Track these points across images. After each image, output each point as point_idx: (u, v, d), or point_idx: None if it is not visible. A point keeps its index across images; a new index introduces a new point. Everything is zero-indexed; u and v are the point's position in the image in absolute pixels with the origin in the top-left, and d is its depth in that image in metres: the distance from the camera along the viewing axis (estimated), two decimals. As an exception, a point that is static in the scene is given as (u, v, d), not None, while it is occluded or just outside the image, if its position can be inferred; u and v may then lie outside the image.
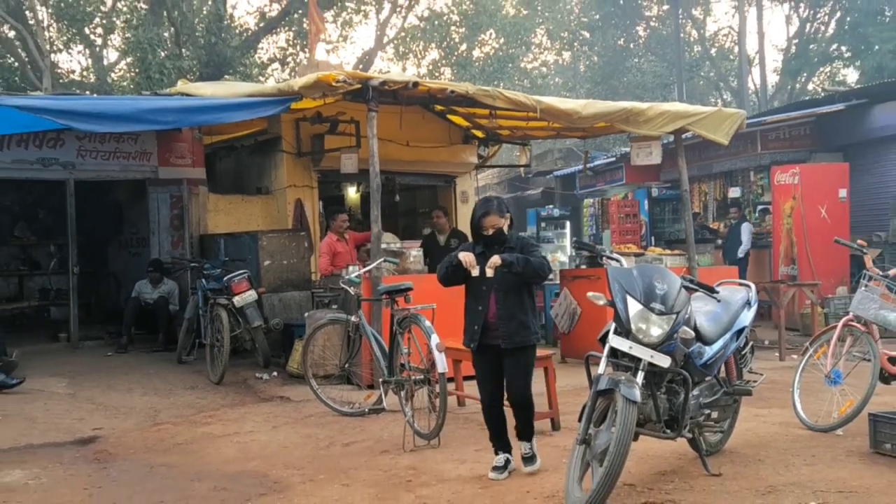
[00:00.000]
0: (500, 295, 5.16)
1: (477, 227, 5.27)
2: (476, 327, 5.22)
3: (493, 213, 5.23)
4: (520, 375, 5.22)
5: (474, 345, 5.25)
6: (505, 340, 5.13)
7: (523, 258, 5.04)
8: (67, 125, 8.44)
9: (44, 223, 14.28)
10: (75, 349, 11.25)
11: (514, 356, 5.19)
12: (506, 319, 5.13)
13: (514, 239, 5.33)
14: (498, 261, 4.99)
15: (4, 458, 6.24)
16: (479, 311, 5.21)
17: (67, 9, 19.60)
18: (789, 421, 6.44)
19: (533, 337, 5.24)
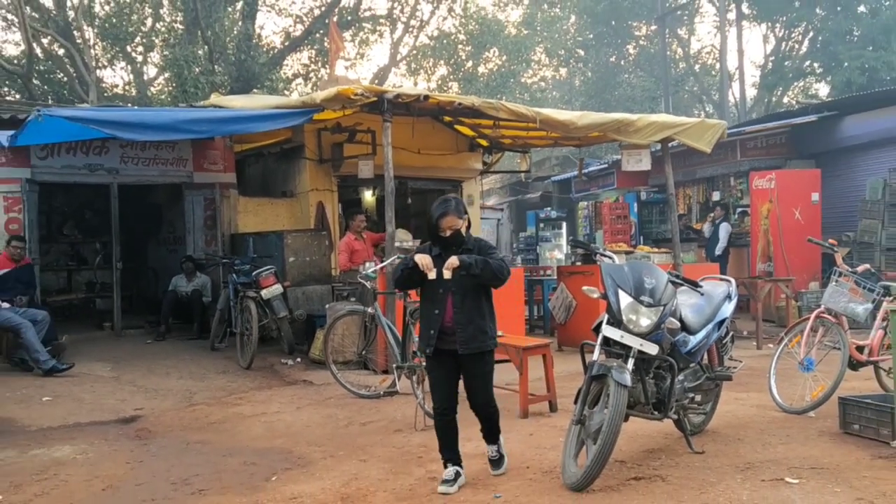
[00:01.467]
0: (457, 298, 4.53)
1: (434, 229, 4.60)
2: (432, 332, 4.57)
3: (451, 214, 4.56)
4: (481, 382, 4.65)
5: (430, 350, 4.59)
6: (462, 346, 4.51)
7: (482, 260, 4.45)
8: (112, 134, 8.46)
9: (90, 223, 14.30)
10: (118, 337, 11.25)
11: (472, 363, 4.58)
12: (463, 324, 4.52)
13: (472, 241, 4.69)
14: (455, 262, 4.39)
15: (55, 434, 6.27)
16: (435, 316, 4.57)
17: (111, 29, 19.63)
18: (766, 404, 6.41)
19: (490, 342, 4.62)
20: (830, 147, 14.22)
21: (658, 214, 17.54)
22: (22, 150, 10.01)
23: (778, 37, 27.28)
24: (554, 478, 4.69)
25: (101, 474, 5.15)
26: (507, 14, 29.00)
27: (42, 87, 19.84)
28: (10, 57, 20.22)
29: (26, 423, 6.59)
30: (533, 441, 5.63)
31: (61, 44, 18.82)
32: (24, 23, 17.15)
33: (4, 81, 19.97)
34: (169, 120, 8.79)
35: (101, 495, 4.74)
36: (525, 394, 6.47)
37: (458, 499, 4.41)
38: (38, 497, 4.71)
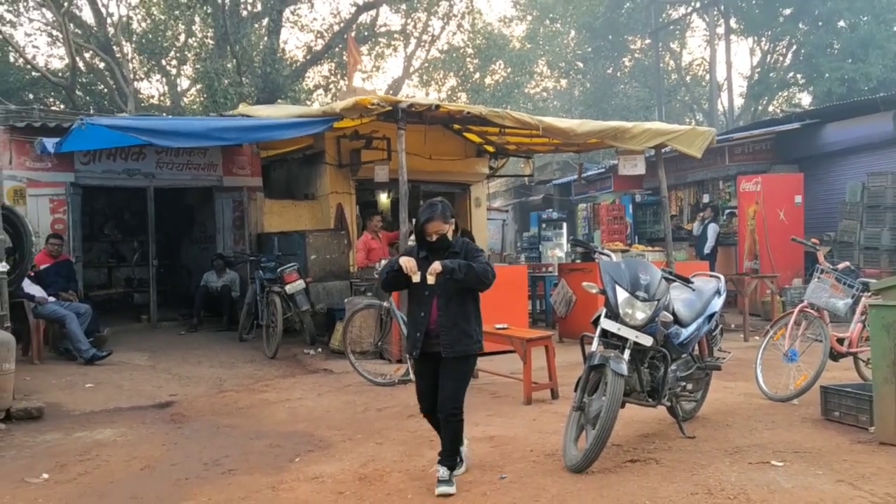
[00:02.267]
0: (442, 302, 4.21)
1: (420, 233, 4.29)
2: (418, 334, 4.25)
3: (437, 219, 4.21)
4: (453, 383, 4.22)
5: (417, 352, 4.27)
6: (446, 349, 4.18)
7: (465, 264, 4.12)
8: (149, 141, 8.49)
9: (129, 223, 14.37)
10: (154, 329, 11.31)
11: (453, 365, 4.22)
12: (447, 327, 4.19)
13: (459, 244, 4.34)
14: (438, 268, 4.08)
15: (97, 418, 6.30)
16: (421, 318, 4.25)
17: (148, 44, 19.68)
18: (752, 392, 6.38)
19: (475, 346, 4.29)
20: (812, 153, 14.14)
21: (652, 215, 17.47)
22: (66, 156, 10.06)
23: (763, 50, 27.14)
24: (556, 460, 4.68)
25: (139, 455, 5.17)
26: (511, 29, 28.97)
27: (84, 98, 19.90)
28: (56, 70, 20.29)
29: (71, 408, 6.62)
30: (536, 426, 5.62)
31: (102, 58, 18.88)
32: (68, 39, 17.23)
33: (50, 92, 20.06)
34: (201, 128, 8.82)
35: (140, 474, 4.76)
36: (528, 382, 6.46)
37: (466, 479, 4.41)
38: (81, 476, 4.73)
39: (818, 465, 4.45)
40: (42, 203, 10.05)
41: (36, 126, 9.96)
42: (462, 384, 4.26)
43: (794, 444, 4.89)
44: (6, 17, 19.78)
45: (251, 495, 4.27)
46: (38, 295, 8.63)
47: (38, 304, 8.54)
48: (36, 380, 7.52)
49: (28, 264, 7.72)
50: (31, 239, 7.62)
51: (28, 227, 7.69)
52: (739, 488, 4.07)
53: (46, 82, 19.00)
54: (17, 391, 6.55)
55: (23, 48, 19.57)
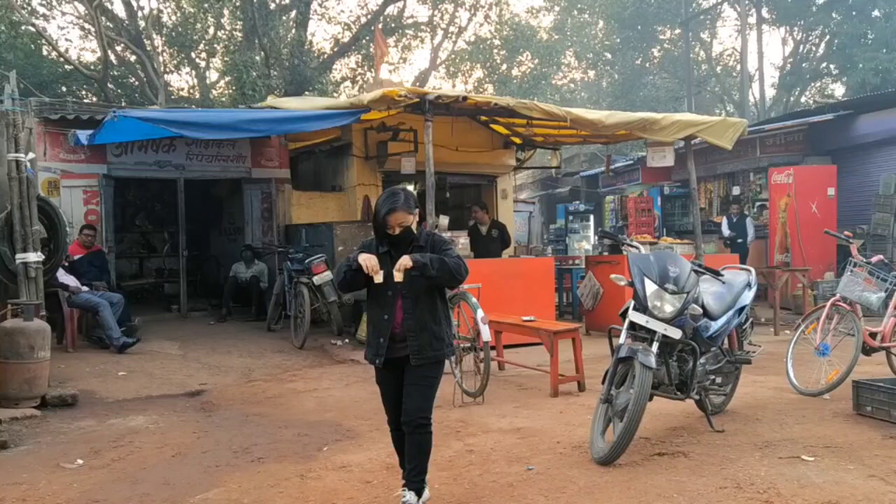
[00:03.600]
0: (408, 302, 3.70)
1: (381, 226, 3.72)
2: (382, 340, 3.73)
3: (400, 210, 3.68)
4: (420, 390, 3.73)
5: (380, 360, 3.74)
6: (415, 355, 3.69)
7: (438, 258, 3.62)
8: (179, 133, 8.58)
9: (159, 214, 14.55)
10: (185, 318, 11.44)
11: (421, 371, 3.72)
12: (416, 331, 3.69)
13: (424, 236, 3.82)
14: (408, 263, 3.56)
15: (130, 406, 6.41)
16: (384, 321, 3.73)
17: (178, 37, 19.89)
18: (783, 387, 6.31)
19: (447, 350, 3.81)
20: (845, 144, 13.89)
21: (680, 208, 17.30)
22: (99, 148, 10.22)
23: (796, 40, 26.71)
24: (583, 452, 4.67)
25: (170, 442, 5.26)
26: (539, 20, 28.80)
27: (116, 91, 20.19)
28: (88, 63, 20.59)
29: (104, 395, 6.75)
30: (563, 418, 5.61)
31: (133, 51, 19.13)
32: (100, 32, 17.47)
33: (83, 85, 20.36)
34: (230, 120, 8.89)
35: (172, 461, 4.84)
36: (555, 374, 6.45)
37: (493, 470, 4.42)
38: (115, 462, 4.83)
39: (849, 460, 4.39)
40: (76, 194, 10.22)
41: (69, 118, 10.13)
42: (431, 391, 3.78)
43: (826, 439, 4.83)
44: (39, 11, 20.11)
45: (280, 483, 4.32)
46: (72, 284, 8.80)
47: (72, 294, 8.71)
48: (70, 367, 7.66)
49: (62, 255, 7.85)
50: (65, 230, 7.74)
51: (62, 218, 7.82)
52: (769, 483, 4.04)
53: (79, 75, 19.30)
54: (52, 378, 6.69)
55: (56, 41, 19.87)
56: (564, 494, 3.98)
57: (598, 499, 3.90)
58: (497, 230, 10.65)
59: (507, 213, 13.23)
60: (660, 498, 3.87)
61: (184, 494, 4.17)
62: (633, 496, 3.91)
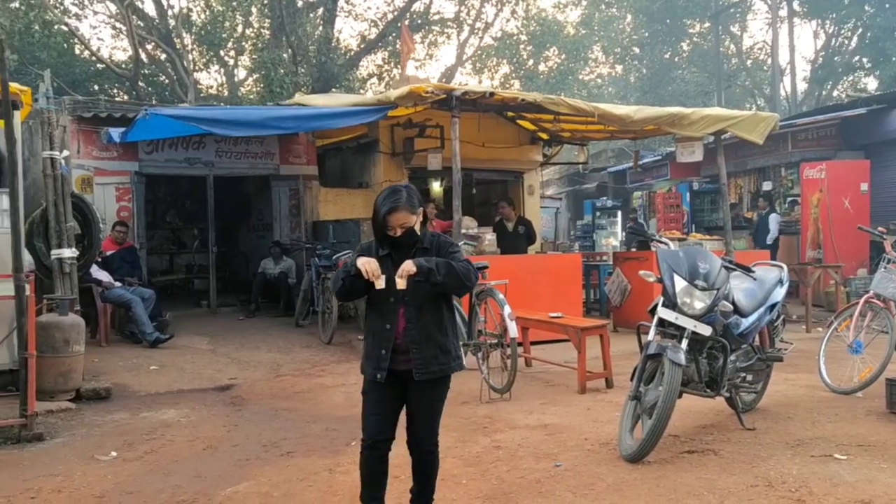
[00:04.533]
0: (411, 311, 3.32)
1: (381, 227, 3.34)
2: (384, 352, 3.32)
3: (402, 209, 3.30)
4: (429, 412, 3.41)
5: (382, 374, 3.32)
6: (419, 370, 3.31)
7: (444, 263, 3.26)
8: (209, 130, 8.69)
9: (189, 211, 14.73)
10: (214, 314, 11.57)
11: (427, 389, 3.36)
12: (420, 342, 3.31)
13: (428, 238, 3.44)
14: (411, 268, 3.20)
15: (162, 399, 6.52)
16: (385, 332, 3.33)
17: (207, 35, 20.07)
18: (815, 384, 6.23)
19: (455, 364, 3.41)
20: (879, 139, 13.64)
21: (709, 203, 17.11)
22: (131, 146, 10.38)
23: (828, 33, 26.27)
24: (611, 449, 4.65)
25: (201, 436, 5.33)
26: (566, 15, 28.58)
27: (146, 89, 20.44)
28: (119, 62, 20.88)
29: (136, 389, 6.86)
30: (590, 415, 5.59)
31: (163, 49, 19.35)
32: (131, 31, 17.72)
33: (114, 84, 20.65)
34: (258, 117, 8.98)
35: (203, 454, 4.91)
36: (583, 371, 6.42)
37: (521, 466, 4.42)
38: (148, 454, 4.91)
39: (883, 459, 4.32)
40: (108, 191, 10.39)
41: (102, 116, 10.30)
42: (439, 413, 3.44)
43: (858, 438, 4.75)
44: (72, 10, 20.40)
45: (309, 477, 4.36)
46: (106, 280, 8.95)
47: (105, 289, 8.86)
48: (103, 361, 7.80)
49: (96, 250, 8.01)
50: (98, 226, 7.89)
51: (96, 214, 7.96)
52: (801, 481, 3.99)
53: (111, 74, 19.57)
54: (86, 372, 6.82)
55: (88, 40, 20.16)
56: (592, 491, 3.97)
57: (626, 496, 3.88)
58: (523, 226, 10.63)
59: (533, 210, 13.19)
60: (690, 496, 3.84)
61: (215, 487, 4.23)
62: (663, 493, 3.89)
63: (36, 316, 6.10)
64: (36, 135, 8.60)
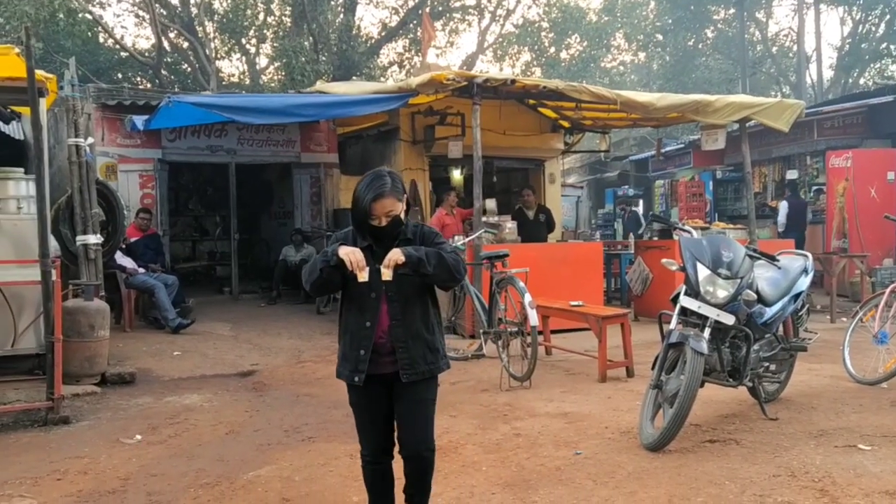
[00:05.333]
0: (395, 307, 3.02)
1: (362, 215, 3.03)
2: (362, 352, 3.02)
3: (389, 196, 3.01)
4: (422, 418, 3.12)
5: (360, 377, 3.02)
6: (407, 371, 3.01)
7: (434, 253, 2.96)
8: (231, 118, 8.73)
9: (211, 198, 14.83)
10: (236, 300, 11.67)
11: (415, 391, 3.06)
12: (406, 341, 3.02)
13: (412, 228, 3.14)
14: (399, 258, 2.88)
15: (185, 384, 6.59)
16: (366, 330, 3.02)
17: (229, 23, 20.16)
18: (839, 375, 6.16)
19: (443, 362, 3.15)
20: (907, 127, 13.42)
21: (733, 192, 16.94)
22: (154, 134, 10.47)
23: (855, 19, 25.82)
24: (631, 438, 4.64)
25: (224, 420, 5.39)
26: (588, 1, 28.46)
27: (169, 77, 20.57)
28: (142, 50, 21.03)
29: (160, 374, 6.95)
30: (611, 403, 5.57)
31: (186, 37, 19.47)
32: (154, 19, 17.84)
33: (137, 72, 20.82)
34: (280, 105, 9.01)
35: (225, 438, 4.97)
36: (603, 360, 6.40)
37: (541, 454, 4.42)
38: (171, 438, 4.97)
39: (910, 452, 4.27)
40: (132, 178, 10.49)
41: (126, 104, 10.39)
42: (432, 415, 3.16)
43: (883, 428, 4.70)
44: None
45: (330, 462, 4.40)
46: (130, 266, 9.05)
47: (129, 275, 8.96)
48: (127, 347, 7.90)
49: (120, 237, 8.11)
50: (123, 213, 7.98)
51: (120, 201, 8.06)
52: (824, 471, 3.95)
53: (134, 62, 19.73)
54: (111, 357, 6.91)
55: (112, 28, 20.31)
56: (613, 479, 3.97)
57: (647, 484, 3.87)
58: (544, 214, 10.59)
59: (554, 198, 13.13)
60: (711, 484, 3.82)
61: (237, 471, 4.27)
62: (683, 482, 3.87)
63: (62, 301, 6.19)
64: (61, 122, 8.71)
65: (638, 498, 3.69)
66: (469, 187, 10.66)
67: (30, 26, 6.00)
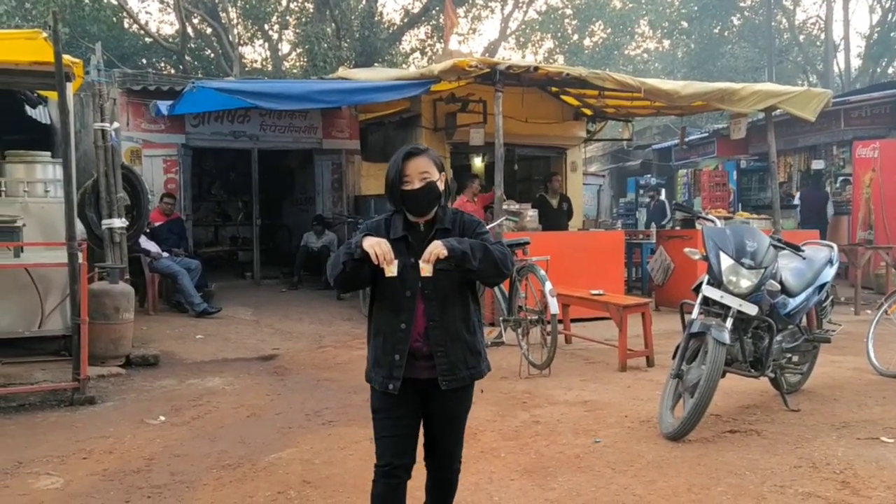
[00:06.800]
0: (433, 306, 2.66)
1: (396, 180, 2.69)
2: (398, 357, 2.65)
3: (423, 156, 2.70)
4: (457, 429, 2.81)
5: (395, 385, 2.65)
6: (447, 377, 2.66)
7: (479, 245, 2.58)
8: (254, 104, 8.76)
9: (233, 184, 14.91)
10: (258, 285, 11.74)
11: (453, 399, 2.73)
12: (445, 343, 2.66)
13: (450, 216, 2.75)
14: (441, 251, 2.50)
15: (207, 368, 6.66)
16: (401, 332, 2.65)
17: (252, 9, 20.21)
18: (863, 367, 6.10)
19: (484, 365, 2.78)
20: (937, 117, 13.17)
21: (757, 182, 16.74)
22: (178, 119, 10.54)
23: (884, 7, 25.36)
24: (650, 427, 4.63)
25: (245, 403, 5.45)
26: (612, -12, 28.04)
27: (193, 63, 20.69)
28: (167, 35, 21.16)
29: (183, 357, 7.03)
30: (630, 392, 5.56)
31: (209, 23, 19.56)
32: (178, 5, 17.92)
33: (161, 58, 20.96)
34: (303, 91, 9.02)
35: (247, 421, 5.03)
36: (624, 349, 6.38)
37: (560, 441, 4.43)
38: (194, 420, 5.04)
39: (934, 445, 4.22)
40: (156, 163, 10.59)
41: (150, 90, 10.46)
42: (464, 426, 2.85)
43: (907, 422, 4.65)
44: (121, -15, 20.70)
45: (350, 446, 4.43)
46: (154, 250, 9.15)
47: (153, 259, 9.06)
48: (151, 329, 8.00)
49: (145, 221, 8.18)
50: (147, 197, 8.04)
51: (145, 186, 8.13)
52: (846, 463, 3.92)
53: (158, 48, 19.85)
54: (135, 339, 7.01)
55: (136, 14, 20.46)
56: (632, 468, 3.96)
57: (666, 473, 3.87)
58: (566, 203, 10.55)
59: (576, 186, 13.06)
60: (731, 475, 3.81)
61: (259, 453, 4.32)
62: (703, 472, 3.86)
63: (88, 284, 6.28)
64: (87, 107, 8.79)
65: (657, 486, 3.69)
66: (490, 175, 10.63)
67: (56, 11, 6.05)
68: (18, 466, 4.11)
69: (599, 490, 3.67)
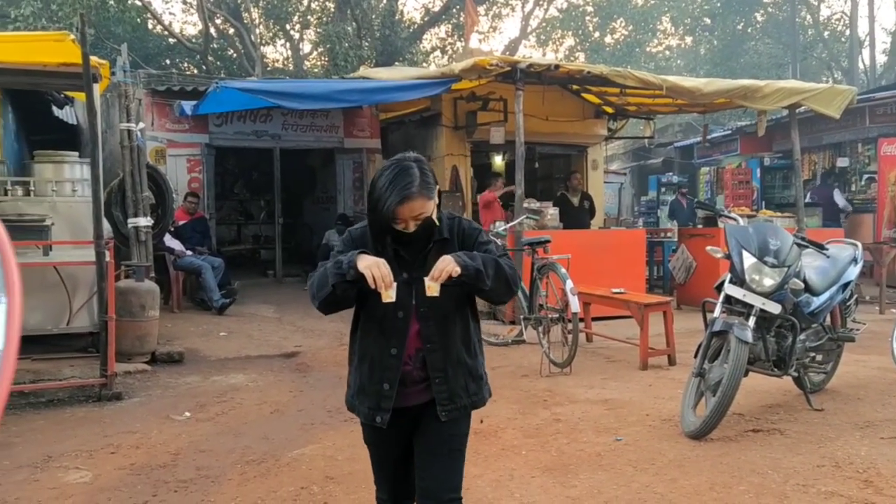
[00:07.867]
0: (430, 327, 2.34)
1: (385, 220, 2.25)
2: (386, 387, 2.34)
3: (418, 197, 2.23)
4: (450, 462, 2.41)
5: (384, 417, 2.35)
6: (446, 406, 2.36)
7: (491, 261, 2.28)
8: (277, 103, 8.84)
9: (256, 183, 15.05)
10: (280, 283, 11.83)
11: (449, 429, 2.39)
12: (445, 369, 2.36)
13: (446, 222, 2.38)
14: (454, 269, 2.17)
15: (231, 364, 6.75)
16: (391, 358, 2.34)
17: (273, 9, 20.36)
18: (887, 366, 6.03)
19: (485, 390, 2.48)
20: (965, 113, 12.96)
21: (781, 180, 16.57)
22: (202, 119, 10.66)
23: (914, 1, 24.96)
24: (672, 425, 4.62)
25: (268, 400, 5.51)
26: (634, -15, 27.89)
27: (215, 63, 20.87)
28: (190, 36, 21.37)
29: (207, 354, 7.12)
30: (652, 391, 5.55)
31: (231, 24, 19.72)
32: (201, 5, 18.09)
33: (185, 58, 21.16)
34: (324, 90, 9.10)
35: (270, 417, 5.09)
36: (645, 347, 6.37)
37: (581, 439, 4.43)
38: (218, 416, 5.11)
39: (961, 446, 4.17)
40: (180, 163, 10.72)
41: (174, 90, 10.59)
42: (462, 457, 2.46)
43: (934, 423, 4.60)
44: (145, -14, 20.93)
45: (372, 442, 4.47)
46: (178, 249, 9.27)
47: (177, 257, 9.18)
48: (176, 327, 8.11)
49: (169, 220, 8.30)
50: (171, 196, 8.16)
51: (169, 185, 8.24)
52: (869, 462, 3.89)
53: (181, 48, 20.05)
54: (160, 336, 7.11)
55: (160, 15, 20.68)
56: (653, 466, 3.96)
57: (688, 471, 3.86)
58: (588, 201, 10.53)
59: (597, 184, 13.01)
60: (753, 473, 3.80)
61: (282, 449, 4.38)
62: (725, 470, 3.85)
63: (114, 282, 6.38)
64: (113, 107, 8.91)
65: (679, 485, 3.69)
66: (511, 173, 10.64)
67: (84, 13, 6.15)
68: (48, 461, 4.20)
69: (621, 488, 3.68)
